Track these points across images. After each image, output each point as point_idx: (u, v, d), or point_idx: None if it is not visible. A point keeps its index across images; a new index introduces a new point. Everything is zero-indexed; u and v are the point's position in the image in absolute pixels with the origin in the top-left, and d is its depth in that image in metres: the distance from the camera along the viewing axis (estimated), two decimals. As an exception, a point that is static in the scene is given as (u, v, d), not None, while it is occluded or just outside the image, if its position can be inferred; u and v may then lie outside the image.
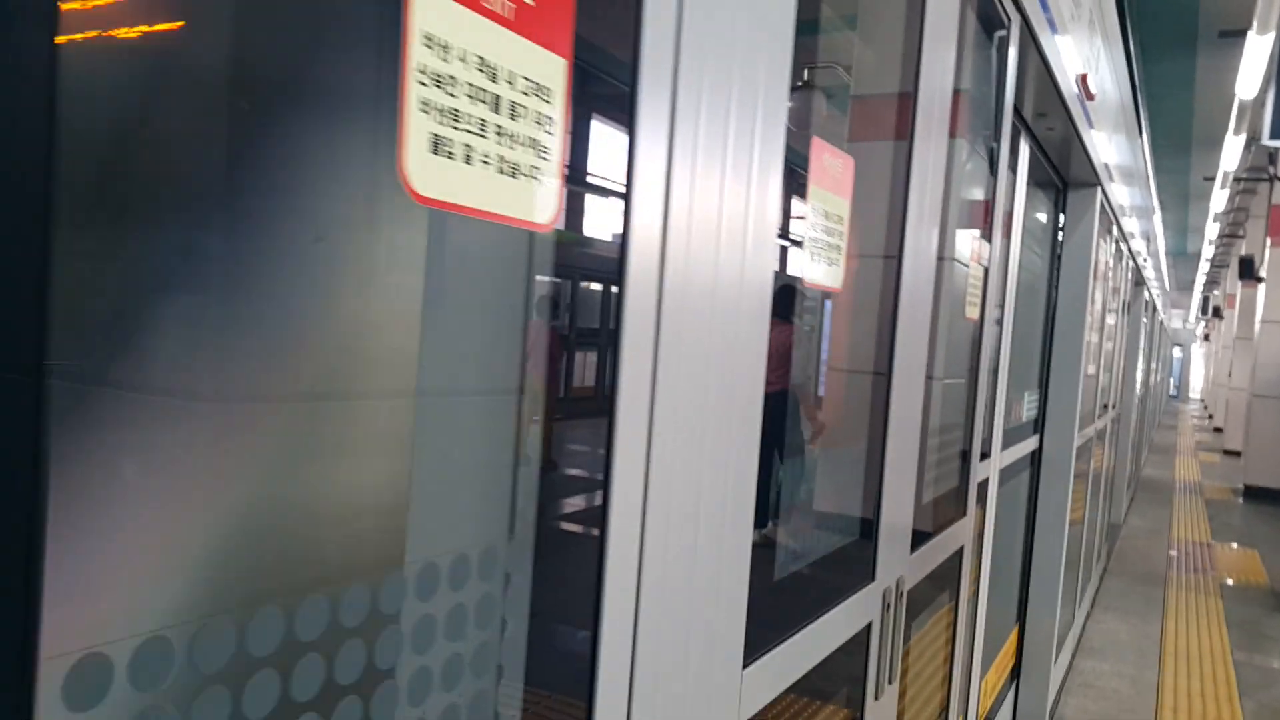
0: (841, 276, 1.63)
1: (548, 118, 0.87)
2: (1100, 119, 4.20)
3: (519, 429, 1.06)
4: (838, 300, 2.10)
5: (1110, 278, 5.86)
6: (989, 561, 3.21)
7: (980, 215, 2.67)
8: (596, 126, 1.07)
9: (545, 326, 1.07)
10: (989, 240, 2.70)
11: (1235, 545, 9.72)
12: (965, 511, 2.63)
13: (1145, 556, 8.79)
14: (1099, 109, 4.09)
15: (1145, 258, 9.35)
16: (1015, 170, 3.39)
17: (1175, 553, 9.09)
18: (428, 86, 0.74)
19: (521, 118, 0.83)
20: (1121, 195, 5.70)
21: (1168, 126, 12.42)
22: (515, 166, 0.83)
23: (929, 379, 2.08)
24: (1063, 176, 4.53)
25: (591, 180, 1.11)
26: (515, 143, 0.83)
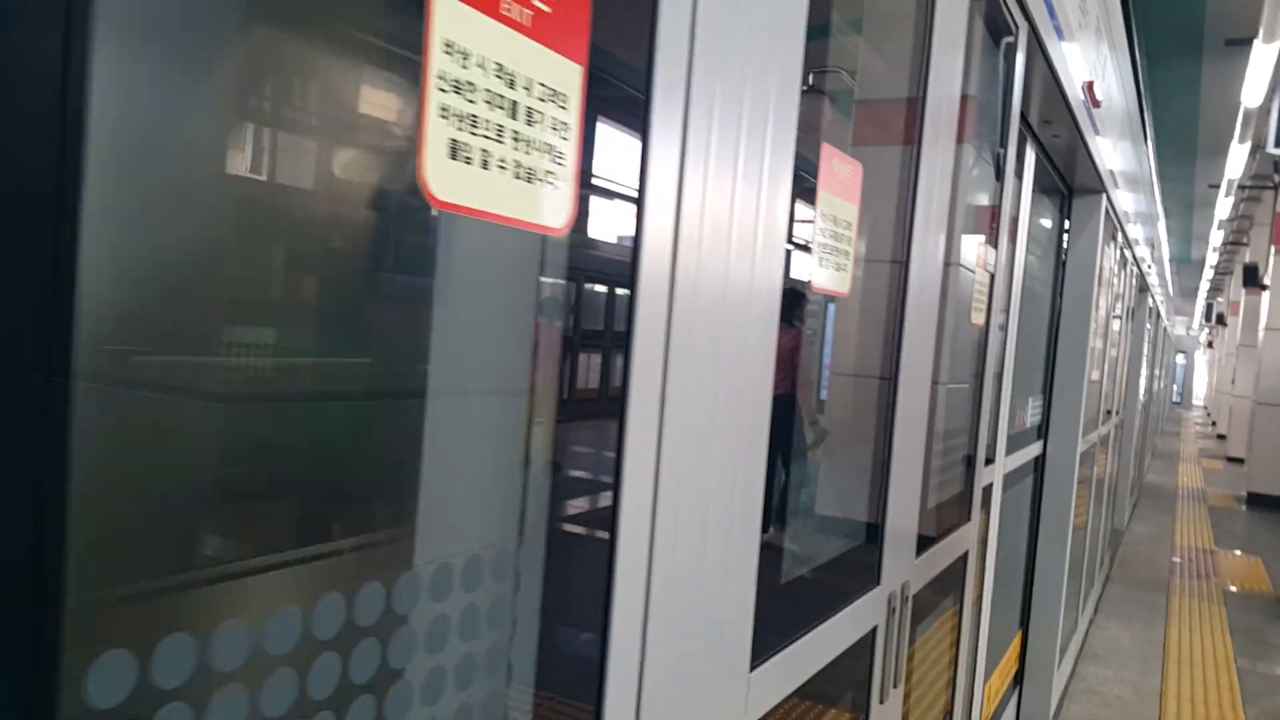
0: (849, 281, 1.64)
1: (563, 123, 0.87)
2: (1106, 126, 4.20)
3: (530, 430, 1.06)
4: (841, 305, 2.11)
5: (1114, 284, 5.86)
6: (993, 566, 3.21)
7: (986, 221, 2.68)
8: (612, 132, 1.08)
9: (558, 329, 1.08)
10: (995, 246, 2.71)
11: (1239, 552, 9.71)
12: (970, 516, 2.63)
13: (1148, 563, 8.78)
14: (1105, 116, 4.09)
15: (1149, 264, 9.35)
16: (1021, 176, 3.40)
17: (1178, 559, 9.08)
18: (447, 92, 0.75)
19: (538, 123, 0.84)
20: (1126, 202, 5.70)
21: (1173, 134, 12.41)
22: (531, 171, 0.84)
23: (934, 384, 2.08)
24: (1068, 183, 4.53)
25: (607, 185, 1.12)
26: (531, 148, 0.84)
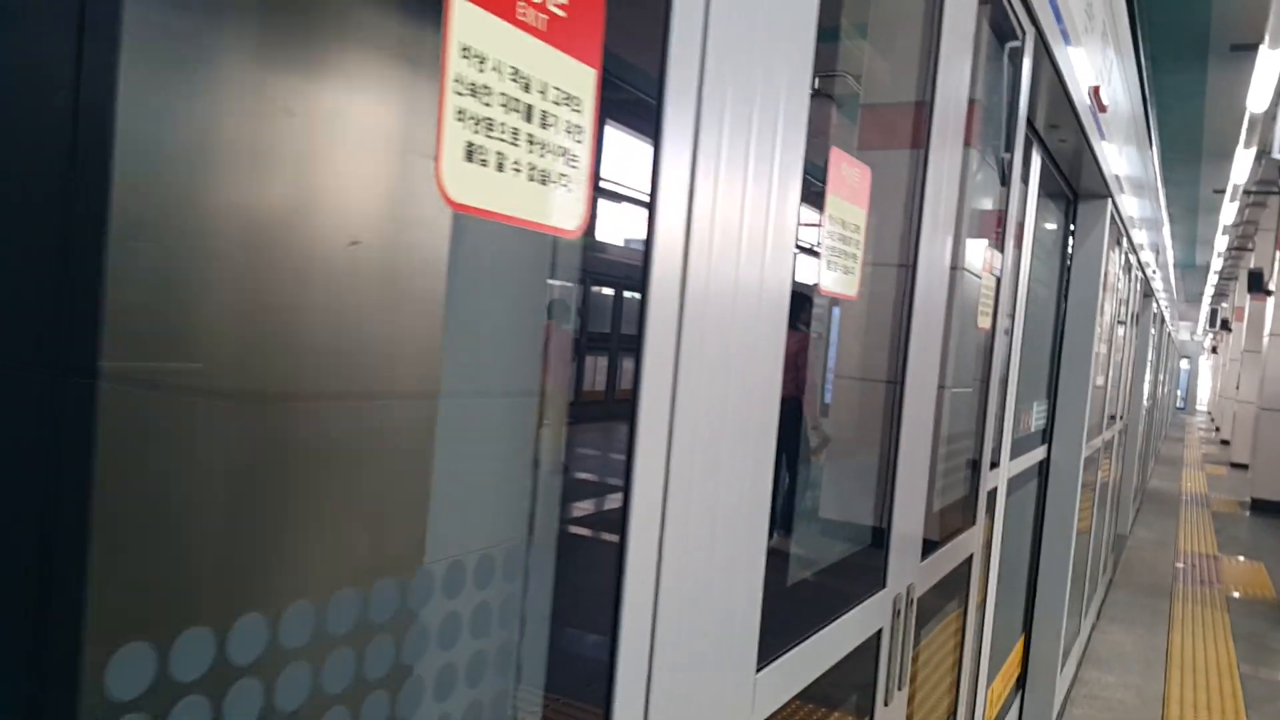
0: (857, 284, 1.65)
1: (577, 127, 0.88)
2: (1112, 130, 4.21)
3: (538, 432, 1.07)
4: (846, 308, 2.12)
5: (1119, 289, 5.87)
6: (996, 570, 3.21)
7: (992, 225, 2.68)
8: (624, 136, 1.08)
9: (572, 332, 1.09)
10: (1000, 250, 2.71)
11: (1242, 558, 9.70)
12: (975, 520, 2.64)
13: (1151, 568, 8.77)
14: (1110, 120, 4.10)
15: (1154, 269, 9.35)
16: (1027, 181, 3.41)
17: (1182, 565, 9.07)
18: (464, 96, 0.76)
19: (552, 126, 0.85)
20: (1131, 207, 5.71)
21: (1178, 139, 12.41)
22: (545, 174, 0.85)
23: (940, 388, 2.09)
24: (1073, 187, 4.54)
25: (620, 189, 1.13)
26: (546, 151, 0.85)
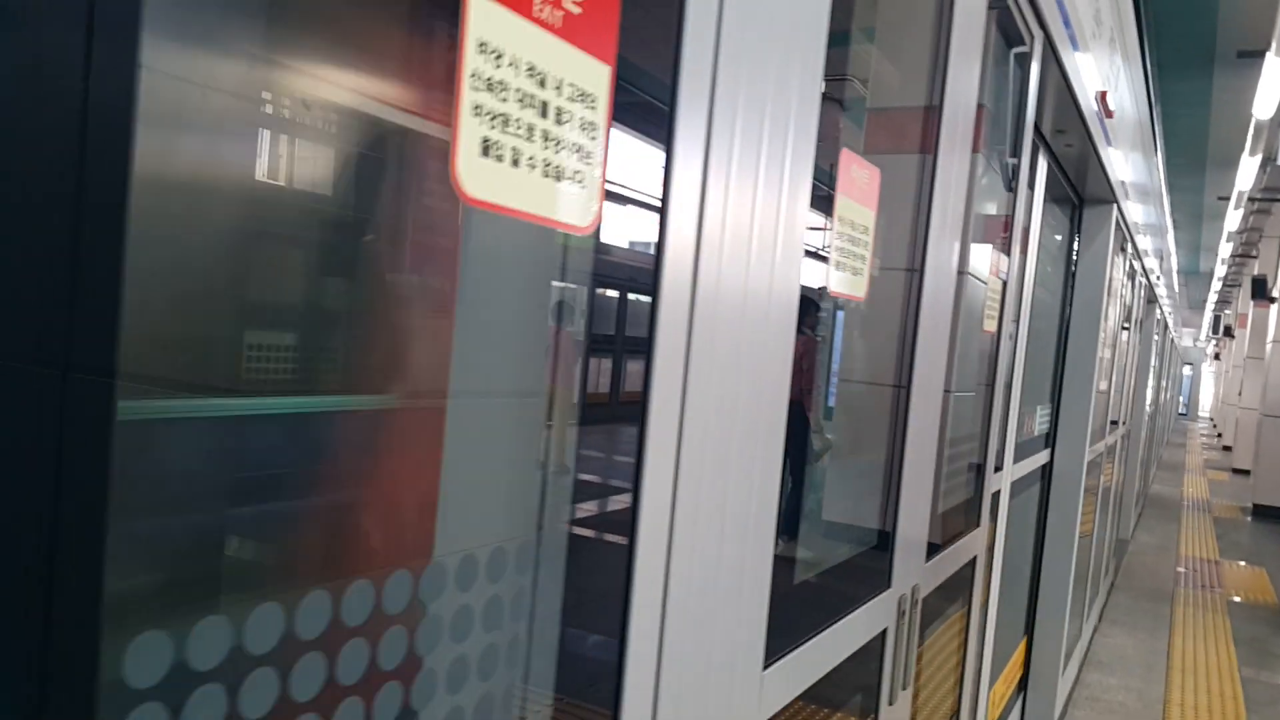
0: (865, 286, 1.65)
1: (591, 123, 0.89)
2: (1118, 136, 4.21)
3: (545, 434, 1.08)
4: (852, 312, 2.12)
5: (1123, 295, 5.87)
6: (999, 573, 3.21)
7: (998, 230, 2.68)
8: (637, 133, 1.09)
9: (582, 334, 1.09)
10: (1007, 255, 2.71)
11: (1243, 563, 9.69)
12: (978, 523, 2.64)
13: (1153, 572, 8.77)
14: (1117, 126, 4.10)
15: (1158, 275, 9.34)
16: (1033, 186, 3.41)
17: (1183, 569, 9.06)
18: (480, 91, 0.76)
19: (567, 123, 0.86)
20: (1136, 213, 5.71)
21: (1183, 145, 12.39)
22: (560, 170, 0.85)
23: (945, 392, 2.09)
24: (1079, 193, 4.54)
25: (633, 186, 1.13)
26: (560, 147, 0.85)
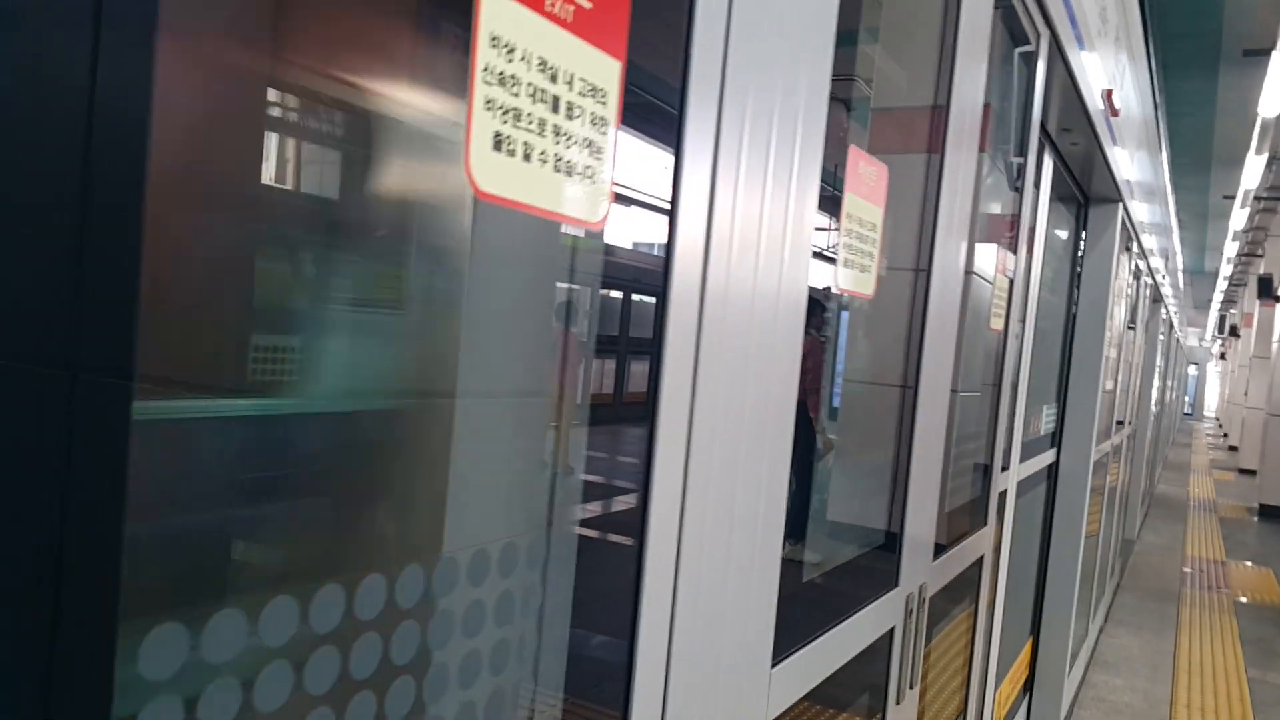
0: (873, 283, 1.65)
1: (601, 119, 0.89)
2: (1123, 135, 4.21)
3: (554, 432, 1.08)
4: (857, 313, 2.12)
5: (1129, 294, 5.86)
6: (1005, 572, 3.21)
7: (1004, 229, 2.68)
8: (646, 133, 1.09)
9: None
10: (1013, 254, 2.71)
11: (1250, 564, 9.67)
12: (985, 522, 2.64)
13: (1159, 573, 8.75)
14: (1122, 125, 4.09)
15: (1163, 275, 9.33)
16: (1039, 185, 3.41)
17: (1189, 569, 9.05)
18: (492, 85, 0.77)
19: (578, 118, 0.86)
20: (1142, 212, 5.70)
21: (1188, 144, 12.39)
22: (570, 165, 0.85)
23: (952, 392, 2.09)
24: (1084, 192, 4.53)
25: (641, 186, 1.13)
26: (571, 142, 0.85)
